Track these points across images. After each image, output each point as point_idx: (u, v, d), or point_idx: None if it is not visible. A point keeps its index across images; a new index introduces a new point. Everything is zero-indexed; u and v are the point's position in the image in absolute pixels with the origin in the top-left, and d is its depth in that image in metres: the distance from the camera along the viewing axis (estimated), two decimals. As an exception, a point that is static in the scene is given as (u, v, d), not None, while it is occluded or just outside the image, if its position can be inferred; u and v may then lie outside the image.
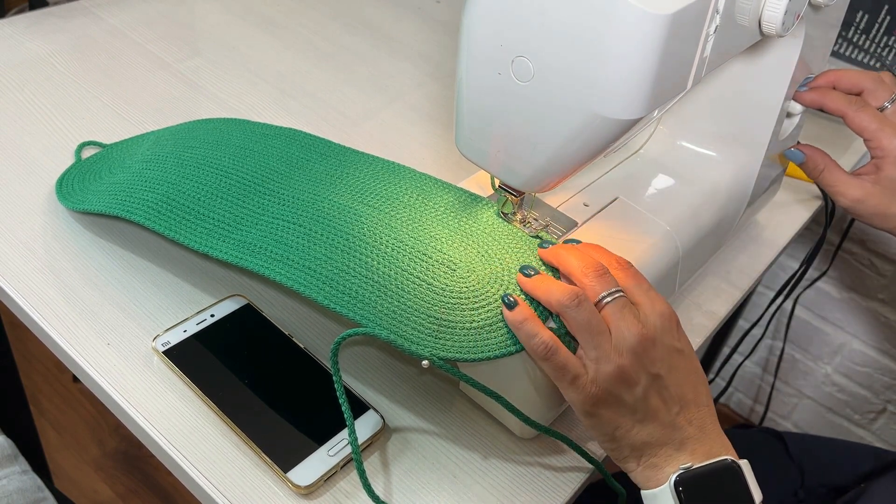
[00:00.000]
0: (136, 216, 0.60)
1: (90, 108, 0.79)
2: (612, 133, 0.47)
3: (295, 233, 0.55)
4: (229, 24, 0.96)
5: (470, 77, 0.51)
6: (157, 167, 0.64)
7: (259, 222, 0.57)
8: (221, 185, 0.61)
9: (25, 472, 0.74)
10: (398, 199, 0.59)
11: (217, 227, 0.58)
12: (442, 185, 0.61)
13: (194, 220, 0.59)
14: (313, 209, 0.57)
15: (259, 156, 0.64)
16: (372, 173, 0.62)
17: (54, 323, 0.58)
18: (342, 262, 0.53)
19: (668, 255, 0.61)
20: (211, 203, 0.59)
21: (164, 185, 0.61)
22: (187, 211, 0.59)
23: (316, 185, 0.60)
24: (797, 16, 0.52)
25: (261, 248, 0.55)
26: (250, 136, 0.67)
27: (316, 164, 0.63)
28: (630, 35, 0.42)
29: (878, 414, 1.41)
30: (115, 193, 0.63)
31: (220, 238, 0.57)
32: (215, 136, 0.67)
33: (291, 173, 0.62)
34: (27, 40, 0.88)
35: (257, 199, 0.59)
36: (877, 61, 1.07)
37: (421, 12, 1.06)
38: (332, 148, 0.66)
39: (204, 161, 0.63)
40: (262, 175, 0.61)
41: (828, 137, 0.94)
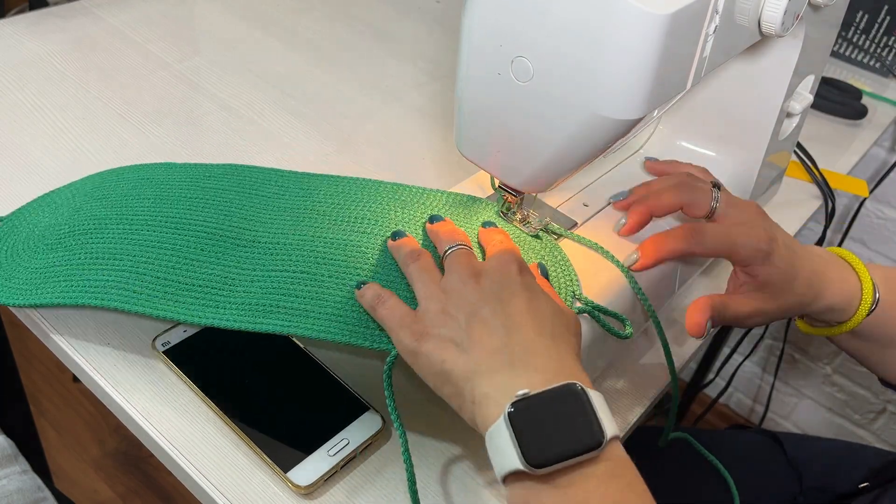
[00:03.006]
0: (110, 301, 0.52)
1: (90, 108, 0.79)
2: (611, 133, 0.47)
3: (304, 282, 0.53)
4: (229, 24, 0.96)
5: (470, 77, 0.51)
6: (101, 237, 0.56)
7: (256, 278, 0.53)
8: (190, 244, 0.55)
9: (25, 472, 0.74)
10: (386, 218, 0.58)
11: (209, 294, 0.52)
12: (417, 192, 0.61)
13: (180, 292, 0.52)
14: (311, 252, 0.54)
15: (213, 203, 0.58)
16: (346, 197, 0.60)
17: (53, 322, 0.58)
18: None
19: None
20: (189, 267, 0.54)
21: (124, 257, 0.54)
22: (166, 283, 0.53)
23: (298, 224, 0.57)
24: (797, 16, 0.52)
25: (273, 307, 0.51)
26: (185, 180, 0.61)
27: (281, 200, 0.59)
28: (630, 35, 0.42)
29: (878, 414, 1.41)
30: (66, 279, 0.53)
31: (218, 306, 0.52)
32: (151, 190, 0.60)
33: (260, 216, 0.58)
34: (27, 40, 0.88)
35: (240, 253, 0.55)
36: (877, 61, 1.07)
37: (421, 12, 1.06)
38: (283, 177, 0.62)
39: (156, 220, 0.56)
40: (230, 223, 0.57)
41: (828, 137, 0.94)
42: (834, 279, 0.57)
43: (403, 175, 0.77)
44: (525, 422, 0.40)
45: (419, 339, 0.46)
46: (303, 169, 0.75)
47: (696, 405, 1.52)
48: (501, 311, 0.45)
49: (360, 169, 0.77)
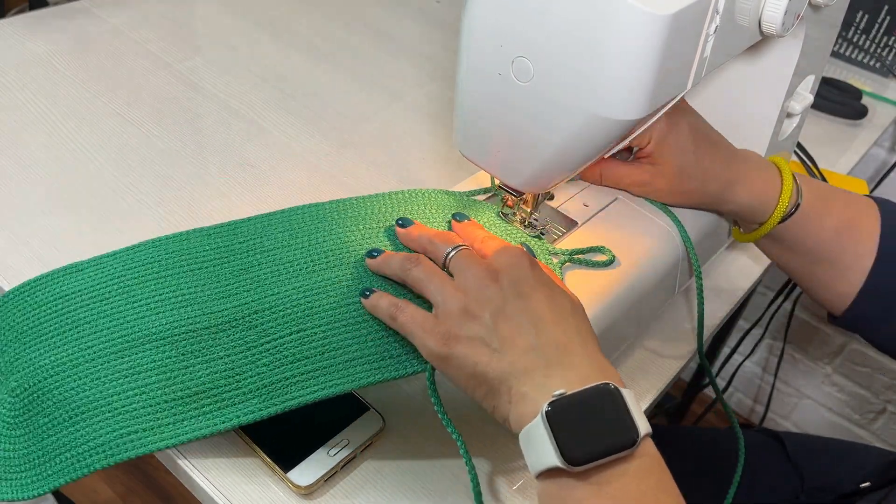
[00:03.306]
0: (122, 454, 0.46)
1: (90, 108, 0.79)
2: (611, 133, 0.47)
3: (303, 341, 0.50)
4: (229, 24, 0.96)
5: (470, 77, 0.51)
6: (67, 389, 0.48)
7: (253, 358, 0.50)
8: (170, 356, 0.49)
9: (25, 472, 0.73)
10: (366, 237, 0.56)
11: (218, 396, 0.49)
12: (403, 198, 0.60)
13: (185, 409, 0.48)
14: (296, 309, 0.51)
15: (174, 298, 0.52)
16: (310, 232, 0.56)
17: (54, 323, 0.58)
18: (370, 332, 0.51)
19: (668, 255, 0.61)
20: (181, 379, 0.49)
21: (111, 401, 0.48)
22: (168, 406, 0.48)
23: (271, 284, 0.53)
24: (797, 16, 0.52)
25: (287, 379, 0.49)
26: (132, 286, 0.53)
27: (244, 262, 0.54)
28: (630, 35, 0.42)
29: (878, 414, 1.41)
30: (59, 455, 0.47)
31: (233, 403, 0.48)
32: (104, 319, 0.51)
33: (228, 290, 0.52)
34: (27, 40, 0.88)
35: (224, 340, 0.50)
36: (877, 61, 1.07)
37: (421, 12, 1.06)
38: (235, 232, 0.56)
39: (123, 345, 0.50)
40: (198, 312, 0.51)
41: (828, 137, 0.94)
42: (753, 179, 0.58)
43: (403, 175, 0.77)
44: (562, 420, 0.41)
45: (447, 342, 0.46)
46: (302, 168, 0.75)
47: (696, 405, 1.52)
48: (525, 307, 0.45)
49: (361, 169, 0.77)
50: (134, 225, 0.67)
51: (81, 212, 0.67)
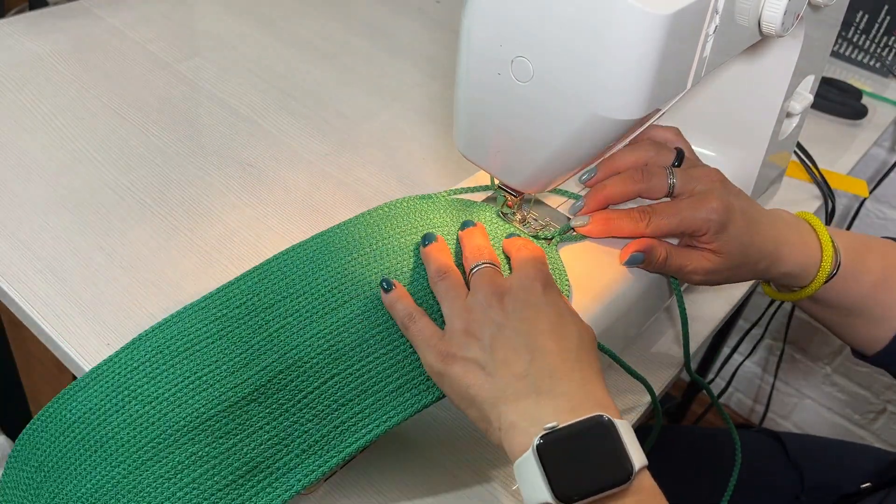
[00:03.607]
0: None
1: (90, 108, 0.79)
2: (612, 133, 0.47)
3: (340, 386, 0.49)
4: (229, 24, 0.96)
5: (470, 77, 0.51)
6: (141, 493, 0.46)
7: (298, 420, 0.48)
8: (209, 439, 0.47)
9: (25, 472, 0.73)
10: (383, 257, 0.54)
11: (272, 468, 0.47)
12: (410, 206, 0.58)
13: (241, 489, 0.46)
14: (319, 357, 0.50)
15: (201, 378, 0.49)
16: (318, 268, 0.54)
17: (54, 323, 0.58)
18: (406, 356, 0.50)
19: (667, 255, 0.61)
20: (229, 462, 0.47)
21: (185, 497, 0.46)
22: (222, 492, 0.46)
23: (288, 340, 0.51)
24: (797, 16, 0.52)
25: (336, 430, 0.48)
26: (150, 372, 0.50)
27: (255, 322, 0.51)
28: (630, 35, 0.42)
29: (878, 414, 1.41)
30: None
31: (288, 470, 0.47)
32: (154, 410, 0.48)
33: (249, 353, 0.50)
34: (27, 40, 0.88)
35: (258, 408, 0.48)
36: (877, 61, 1.07)
37: (421, 12, 1.06)
38: (252, 286, 0.53)
39: (157, 442, 0.47)
40: (228, 384, 0.49)
41: (828, 137, 0.94)
42: (794, 244, 0.57)
43: (403, 175, 0.77)
44: (554, 455, 0.40)
45: (444, 360, 0.46)
46: (302, 168, 0.75)
47: (696, 405, 1.52)
48: (525, 331, 0.45)
49: (361, 169, 0.77)
50: (134, 225, 0.67)
51: (81, 212, 0.67)
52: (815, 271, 0.57)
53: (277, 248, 0.66)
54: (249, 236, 0.67)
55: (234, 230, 0.68)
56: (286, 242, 0.67)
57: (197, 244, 0.66)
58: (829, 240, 0.58)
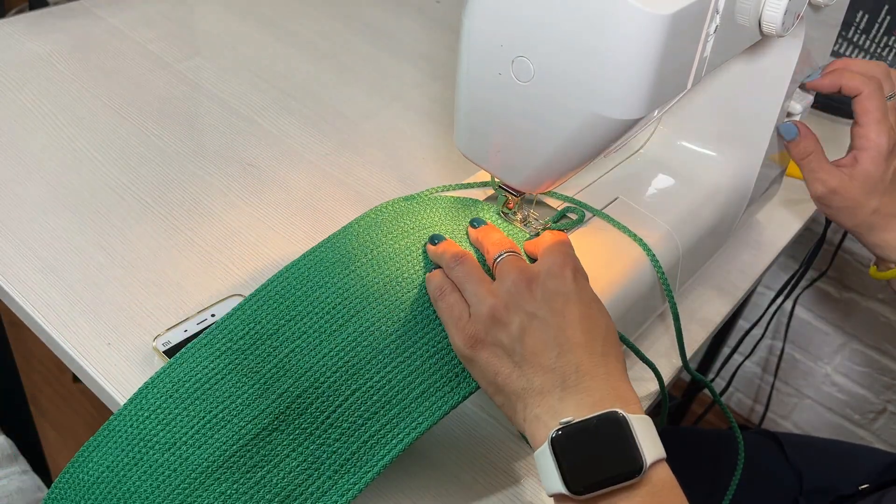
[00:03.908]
0: None
1: (90, 108, 0.79)
2: (612, 133, 0.47)
3: (365, 400, 0.48)
4: (229, 24, 0.96)
5: (470, 77, 0.51)
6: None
7: (326, 440, 0.48)
8: (269, 459, 0.47)
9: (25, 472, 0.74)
10: (388, 265, 0.53)
11: (306, 488, 0.46)
12: (409, 206, 0.57)
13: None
14: (336, 374, 0.49)
15: (236, 407, 0.48)
16: (316, 287, 0.52)
17: (54, 323, 0.58)
18: (425, 362, 0.50)
19: (668, 254, 0.61)
20: (267, 489, 0.46)
21: None
22: None
23: (302, 363, 0.50)
24: (797, 16, 0.52)
25: (372, 440, 0.48)
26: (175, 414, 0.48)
27: (264, 352, 0.50)
28: (630, 35, 0.42)
29: (878, 414, 1.41)
30: None
31: (325, 490, 0.46)
32: (172, 457, 0.47)
33: (263, 385, 0.49)
34: (27, 40, 0.88)
35: (283, 437, 0.48)
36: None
37: (421, 12, 1.06)
38: (250, 315, 0.51)
39: (209, 472, 0.46)
40: (269, 409, 0.48)
41: (828, 137, 0.94)
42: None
43: (403, 175, 0.77)
44: (567, 448, 0.41)
45: (473, 345, 0.46)
46: (302, 168, 0.75)
47: (696, 405, 1.52)
48: (555, 323, 0.45)
49: (361, 169, 0.77)
50: (134, 224, 0.67)
51: (81, 212, 0.67)
52: None
53: (278, 248, 0.66)
54: (250, 236, 0.67)
55: (234, 230, 0.68)
56: (286, 242, 0.67)
57: (197, 244, 0.66)
58: None
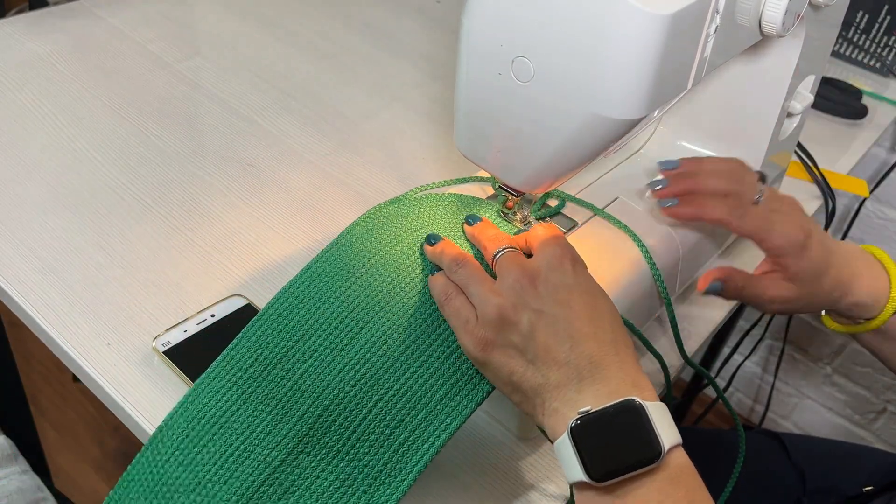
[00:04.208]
0: None
1: (90, 108, 0.79)
2: (612, 133, 0.47)
3: (402, 399, 0.48)
4: (229, 24, 0.96)
5: (470, 77, 0.51)
6: None
7: (356, 455, 0.47)
8: (298, 483, 0.47)
9: (25, 472, 0.74)
10: (386, 273, 0.53)
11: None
12: (410, 205, 0.57)
13: None
14: (350, 388, 0.49)
15: (257, 436, 0.48)
16: (318, 304, 0.52)
17: (54, 323, 0.58)
18: (443, 363, 0.49)
19: (668, 255, 0.61)
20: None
21: None
22: None
23: (333, 370, 0.49)
24: (797, 16, 0.52)
25: (402, 448, 0.47)
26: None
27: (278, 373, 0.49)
28: (630, 35, 0.42)
29: (878, 414, 1.41)
30: None
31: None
32: (200, 495, 0.46)
33: (289, 400, 0.49)
34: (27, 40, 0.88)
35: (329, 440, 0.48)
36: (877, 61, 1.07)
37: (421, 12, 1.05)
38: (255, 343, 0.51)
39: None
40: (292, 433, 0.47)
41: (828, 137, 0.94)
42: (864, 276, 0.58)
43: (403, 175, 0.77)
44: (586, 437, 0.42)
45: (484, 348, 0.47)
46: (302, 168, 0.75)
47: (696, 405, 1.52)
48: (563, 316, 0.45)
49: (361, 169, 0.77)
50: (134, 225, 0.67)
51: (81, 212, 0.67)
52: (885, 302, 0.59)
53: (278, 248, 0.66)
54: (249, 236, 0.67)
55: (234, 230, 0.68)
56: (286, 242, 0.67)
57: (197, 244, 0.66)
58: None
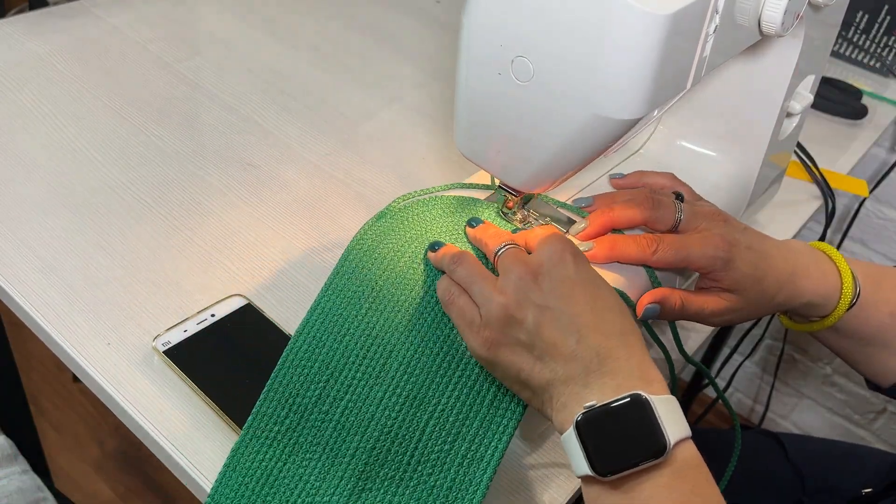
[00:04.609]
0: None
1: (90, 108, 0.79)
2: (612, 133, 0.47)
3: (452, 412, 0.48)
4: (229, 24, 0.96)
5: (470, 77, 0.51)
6: None
7: (427, 467, 0.47)
8: None
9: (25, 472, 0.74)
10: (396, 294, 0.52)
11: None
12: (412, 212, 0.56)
13: None
14: (416, 394, 0.49)
15: (313, 484, 0.47)
16: (333, 339, 0.50)
17: (54, 323, 0.58)
18: (477, 372, 0.49)
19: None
20: None
21: None
22: None
23: (373, 400, 0.49)
24: (797, 16, 0.52)
25: (466, 460, 0.47)
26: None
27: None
28: (630, 35, 0.42)
29: (878, 414, 1.41)
30: None
31: None
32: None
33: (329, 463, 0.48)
34: (27, 40, 0.88)
35: (388, 471, 0.47)
36: (877, 61, 1.07)
37: (421, 12, 1.06)
38: (287, 387, 0.50)
39: None
40: (348, 473, 0.47)
41: (828, 137, 0.94)
42: (812, 274, 0.57)
43: (403, 175, 0.77)
44: (591, 432, 0.42)
45: (491, 348, 0.46)
46: (302, 168, 0.75)
47: (695, 405, 1.52)
48: (567, 310, 0.45)
49: (361, 169, 0.77)
50: (134, 224, 0.67)
51: (81, 212, 0.67)
52: (837, 300, 0.57)
53: (278, 248, 0.66)
54: (250, 236, 0.67)
55: (234, 230, 0.68)
56: (287, 242, 0.67)
57: (197, 244, 0.66)
58: (848, 268, 0.57)
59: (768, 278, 0.55)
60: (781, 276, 0.56)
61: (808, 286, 0.57)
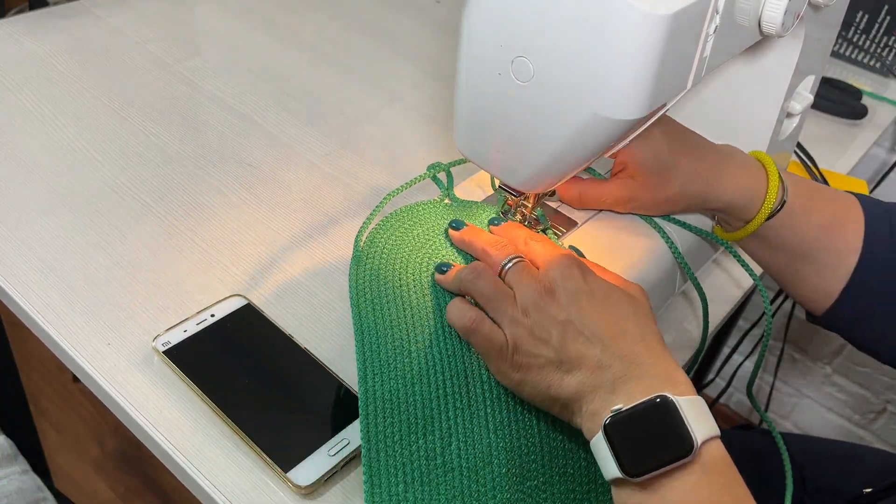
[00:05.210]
0: None
1: (90, 108, 0.79)
2: (612, 133, 0.47)
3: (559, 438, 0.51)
4: (229, 24, 0.96)
5: (470, 77, 0.51)
6: None
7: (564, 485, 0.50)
8: None
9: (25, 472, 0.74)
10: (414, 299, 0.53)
11: None
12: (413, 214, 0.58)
13: None
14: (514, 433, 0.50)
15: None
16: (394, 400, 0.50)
17: (54, 323, 0.58)
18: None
19: (667, 255, 0.61)
20: None
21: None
22: None
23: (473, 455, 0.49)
24: (797, 16, 0.52)
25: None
26: None
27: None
28: (630, 35, 0.42)
29: (878, 414, 1.41)
30: None
31: None
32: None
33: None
34: (27, 40, 0.88)
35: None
36: (877, 61, 1.07)
37: (421, 12, 1.06)
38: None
39: None
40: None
41: (828, 137, 0.94)
42: (736, 176, 0.57)
43: (404, 175, 0.77)
44: (619, 435, 0.43)
45: (520, 369, 0.47)
46: (302, 168, 0.75)
47: (695, 405, 1.52)
48: (587, 323, 0.46)
49: (361, 169, 0.77)
50: (134, 225, 0.67)
51: (81, 212, 0.67)
52: (759, 205, 0.57)
53: (278, 248, 0.66)
54: (249, 236, 0.67)
55: (234, 230, 0.68)
56: (287, 242, 0.67)
57: (197, 244, 0.66)
58: (777, 174, 0.57)
59: (680, 167, 0.56)
60: (698, 168, 0.56)
61: (729, 186, 0.57)
